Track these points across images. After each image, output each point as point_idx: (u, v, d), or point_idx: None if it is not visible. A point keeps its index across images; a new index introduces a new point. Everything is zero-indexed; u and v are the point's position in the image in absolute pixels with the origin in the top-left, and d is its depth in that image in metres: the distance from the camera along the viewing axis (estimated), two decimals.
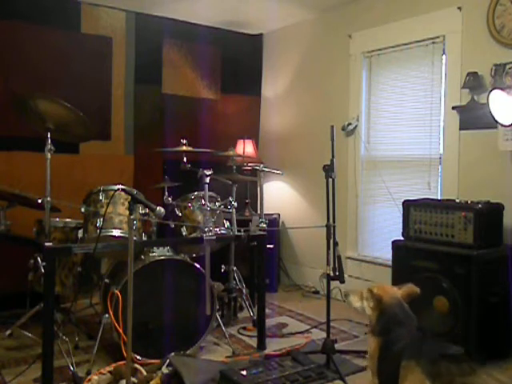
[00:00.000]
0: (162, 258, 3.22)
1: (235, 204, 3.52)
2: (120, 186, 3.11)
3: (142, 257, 3.24)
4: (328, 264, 3.07)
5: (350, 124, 4.55)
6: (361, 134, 4.53)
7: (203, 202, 3.30)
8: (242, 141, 5.13)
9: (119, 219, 3.08)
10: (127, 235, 2.93)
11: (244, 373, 2.81)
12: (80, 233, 3.12)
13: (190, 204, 3.45)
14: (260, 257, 3.53)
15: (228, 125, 5.41)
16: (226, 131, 5.31)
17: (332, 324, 3.35)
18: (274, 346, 3.48)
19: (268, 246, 4.21)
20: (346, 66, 4.66)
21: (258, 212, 3.84)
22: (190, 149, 3.49)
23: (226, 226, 3.52)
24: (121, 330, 2.91)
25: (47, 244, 2.79)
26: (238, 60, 5.51)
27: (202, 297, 3.21)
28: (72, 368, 2.93)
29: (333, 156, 3.15)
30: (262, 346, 3.44)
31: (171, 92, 5.08)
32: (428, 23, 3.95)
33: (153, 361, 2.96)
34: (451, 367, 1.94)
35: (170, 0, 4.52)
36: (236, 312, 4.04)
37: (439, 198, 3.88)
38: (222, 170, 4.15)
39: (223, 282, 4.05)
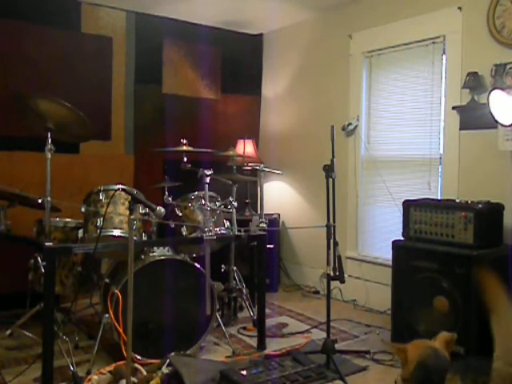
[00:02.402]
0: (162, 257, 3.22)
1: (235, 204, 3.52)
2: (120, 186, 3.10)
3: (142, 257, 3.24)
4: (328, 264, 3.07)
5: (350, 124, 4.55)
6: (361, 134, 4.53)
7: (203, 201, 3.30)
8: (242, 141, 5.13)
9: (119, 219, 3.07)
10: (127, 235, 2.93)
11: (244, 373, 2.81)
12: (80, 233, 3.12)
13: (190, 204, 3.44)
14: (260, 257, 3.53)
15: (228, 125, 5.41)
16: (226, 131, 5.31)
17: (332, 324, 3.35)
18: (274, 345, 3.48)
19: (268, 245, 4.21)
20: (346, 66, 4.66)
21: (258, 212, 3.84)
22: (190, 149, 3.49)
23: (226, 225, 3.52)
24: (121, 330, 2.91)
25: (47, 244, 2.79)
26: (238, 60, 5.51)
27: (202, 297, 3.20)
28: (72, 368, 2.92)
29: (333, 156, 3.15)
30: (261, 346, 3.44)
31: (171, 92, 5.08)
32: (428, 23, 3.95)
33: (153, 361, 2.96)
34: None
35: (170, 0, 4.52)
36: (236, 312, 4.04)
37: (439, 198, 3.88)
38: (222, 169, 4.15)
39: (223, 282, 4.05)
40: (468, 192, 3.65)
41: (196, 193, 3.47)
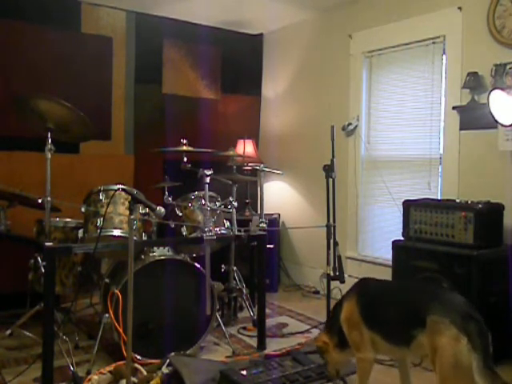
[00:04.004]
0: (162, 257, 3.22)
1: (235, 204, 3.52)
2: (120, 186, 3.11)
3: (142, 257, 3.25)
4: (328, 264, 3.07)
5: (350, 124, 4.55)
6: (361, 133, 4.53)
7: (203, 201, 3.30)
8: (242, 141, 5.13)
9: (119, 219, 3.08)
10: (127, 235, 2.93)
11: (244, 373, 2.80)
12: (80, 233, 3.12)
13: (190, 204, 3.44)
14: (260, 257, 3.53)
15: (228, 125, 5.41)
16: (226, 131, 5.31)
17: None
18: (274, 345, 3.47)
19: (268, 245, 4.20)
20: (347, 66, 4.66)
21: (258, 212, 3.84)
22: (190, 149, 3.49)
23: (226, 225, 3.52)
24: (121, 330, 2.91)
25: (47, 244, 2.79)
26: (238, 60, 5.51)
27: (202, 297, 3.21)
28: (72, 368, 2.92)
29: (333, 156, 3.16)
30: (261, 345, 3.44)
31: (171, 92, 5.08)
32: (428, 23, 3.95)
33: (153, 361, 2.96)
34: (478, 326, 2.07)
35: (169, 0, 4.52)
36: (236, 312, 4.04)
37: (439, 198, 3.88)
38: (222, 169, 4.16)
39: (223, 282, 4.05)
40: (468, 192, 3.65)
41: (196, 193, 3.47)
